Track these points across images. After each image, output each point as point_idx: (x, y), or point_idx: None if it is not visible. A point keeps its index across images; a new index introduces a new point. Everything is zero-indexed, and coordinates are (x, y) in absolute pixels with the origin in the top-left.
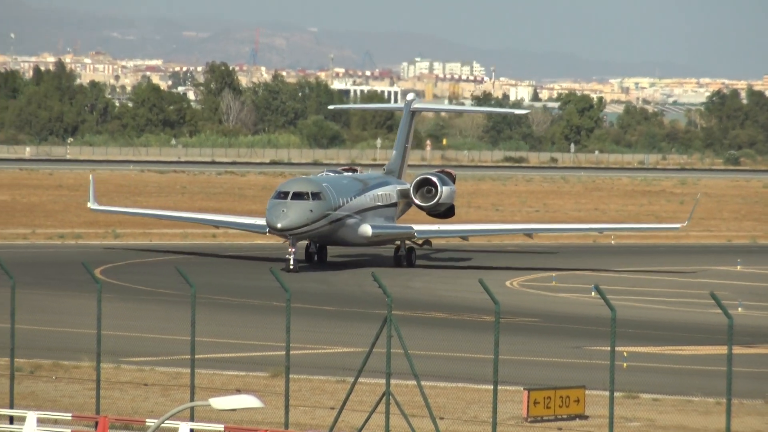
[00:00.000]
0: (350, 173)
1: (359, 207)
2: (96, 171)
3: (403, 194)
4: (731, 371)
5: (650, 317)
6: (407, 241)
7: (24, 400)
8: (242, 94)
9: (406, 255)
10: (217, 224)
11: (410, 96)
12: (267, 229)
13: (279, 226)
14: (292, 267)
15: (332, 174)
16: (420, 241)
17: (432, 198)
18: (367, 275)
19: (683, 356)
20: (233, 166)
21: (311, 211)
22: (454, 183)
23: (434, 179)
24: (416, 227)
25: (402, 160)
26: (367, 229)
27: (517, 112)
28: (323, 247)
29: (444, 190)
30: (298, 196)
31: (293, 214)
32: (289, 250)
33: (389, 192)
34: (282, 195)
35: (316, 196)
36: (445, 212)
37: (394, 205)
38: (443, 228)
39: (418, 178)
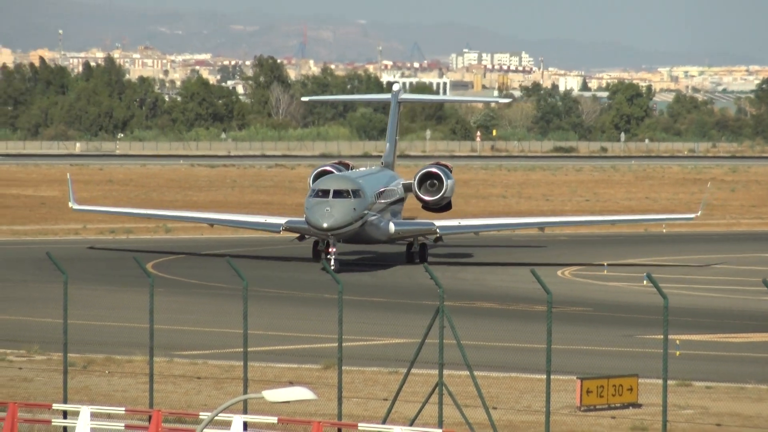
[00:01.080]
0: (364, 169)
1: (382, 204)
2: (146, 166)
3: (406, 188)
4: None
5: (702, 305)
6: (419, 237)
7: (77, 395)
8: (291, 88)
9: (420, 251)
10: (222, 224)
11: (396, 87)
12: (281, 228)
13: (325, 225)
14: (333, 266)
15: (343, 169)
16: (434, 237)
17: (437, 192)
18: (401, 270)
19: (736, 343)
20: (283, 159)
21: (354, 209)
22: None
23: (438, 172)
24: (437, 223)
25: (393, 153)
26: (390, 227)
27: (501, 101)
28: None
29: (449, 184)
30: (339, 194)
31: (338, 213)
32: (331, 249)
33: (398, 187)
34: (321, 193)
35: (356, 194)
36: (445, 206)
37: (403, 200)
38: (464, 223)
39: (422, 172)
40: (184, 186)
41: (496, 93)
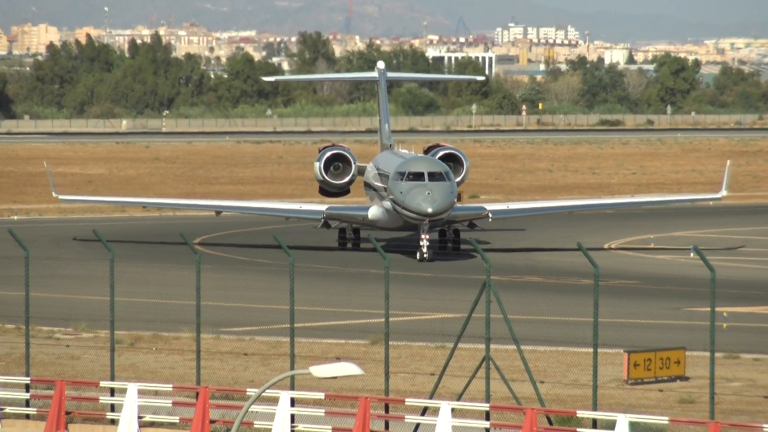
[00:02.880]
0: (405, 151)
1: None
2: (192, 143)
3: None
4: None
5: (750, 277)
6: (455, 224)
7: (125, 372)
8: (336, 63)
9: (454, 237)
10: (251, 211)
11: (381, 64)
12: (323, 215)
13: (430, 210)
14: (426, 256)
15: (347, 153)
16: (467, 222)
17: (458, 174)
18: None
19: None
20: (329, 135)
21: (452, 192)
22: None
23: (458, 154)
24: (488, 207)
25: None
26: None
27: (478, 78)
28: (357, 230)
29: (467, 166)
30: (434, 177)
31: (440, 197)
32: (424, 237)
33: None
34: (413, 176)
35: (449, 176)
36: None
37: None
38: (512, 207)
39: (440, 154)
40: (230, 162)
41: (542, 66)
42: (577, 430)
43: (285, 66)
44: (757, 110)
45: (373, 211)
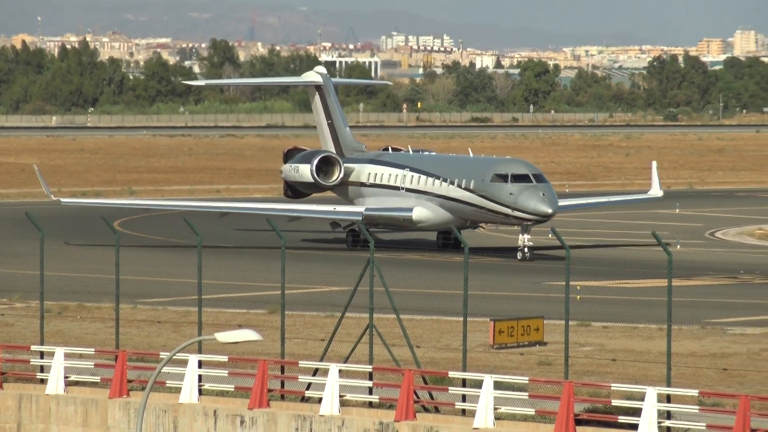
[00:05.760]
0: (429, 153)
1: None
2: (113, 137)
3: None
4: (671, 301)
5: (600, 255)
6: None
7: (53, 338)
8: (241, 67)
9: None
10: (280, 213)
11: (322, 69)
12: (361, 216)
13: (550, 211)
14: (527, 255)
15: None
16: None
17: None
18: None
19: (630, 288)
20: (233, 130)
21: (556, 193)
22: None
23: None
24: None
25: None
26: None
27: (380, 83)
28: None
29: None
30: (539, 178)
31: (552, 197)
32: (526, 237)
33: None
34: (517, 178)
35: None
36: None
37: None
38: None
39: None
40: (147, 154)
41: (421, 70)
42: (449, 388)
43: (196, 69)
44: (608, 109)
45: (420, 212)
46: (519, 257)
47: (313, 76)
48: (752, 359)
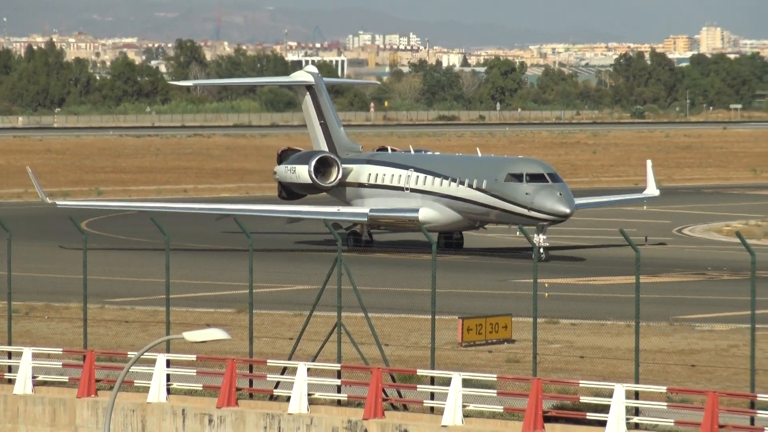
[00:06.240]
0: (435, 153)
1: None
2: (80, 137)
3: None
4: (639, 298)
5: (569, 253)
6: None
7: (20, 338)
8: (207, 67)
9: (459, 237)
10: (281, 214)
11: (313, 68)
12: (366, 217)
13: (568, 211)
14: (543, 256)
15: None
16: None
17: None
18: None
19: (597, 285)
20: (201, 130)
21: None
22: None
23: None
24: None
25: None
26: None
27: (370, 83)
28: (370, 233)
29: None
30: (554, 177)
31: (569, 196)
32: (541, 237)
33: None
34: (532, 177)
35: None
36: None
37: None
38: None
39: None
40: (114, 154)
41: (388, 69)
42: (417, 386)
43: (162, 69)
44: (575, 107)
45: (426, 212)
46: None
47: (304, 75)
48: (720, 355)
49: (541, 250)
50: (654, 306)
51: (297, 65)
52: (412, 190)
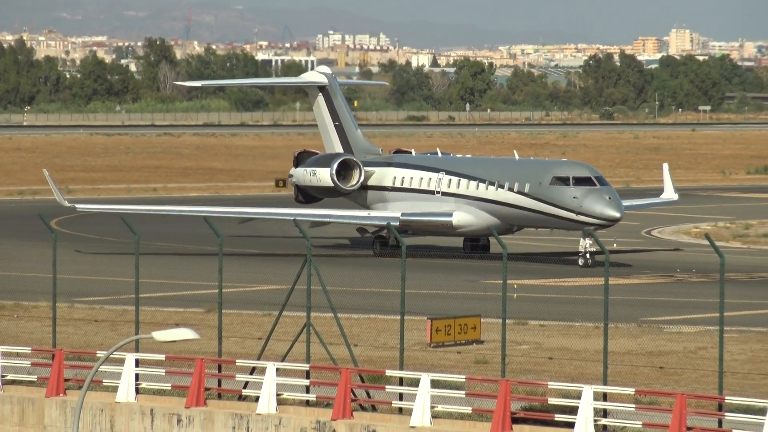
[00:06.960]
0: (466, 155)
1: None
2: (50, 136)
3: None
4: (608, 299)
5: (538, 253)
6: None
7: None
8: (177, 65)
9: (485, 242)
10: (312, 218)
11: (327, 69)
12: (398, 221)
13: (618, 215)
14: (589, 262)
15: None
16: None
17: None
18: None
19: (566, 287)
20: (170, 129)
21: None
22: None
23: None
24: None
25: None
26: None
27: (378, 84)
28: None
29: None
30: (602, 181)
31: (617, 200)
32: (587, 242)
33: None
34: (579, 181)
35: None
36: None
37: None
38: None
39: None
40: (84, 153)
41: (357, 69)
42: (386, 387)
43: (132, 67)
44: (544, 108)
45: (460, 216)
46: (581, 263)
47: (316, 76)
48: (688, 357)
49: (588, 255)
50: (623, 308)
51: (267, 65)
52: (444, 194)
